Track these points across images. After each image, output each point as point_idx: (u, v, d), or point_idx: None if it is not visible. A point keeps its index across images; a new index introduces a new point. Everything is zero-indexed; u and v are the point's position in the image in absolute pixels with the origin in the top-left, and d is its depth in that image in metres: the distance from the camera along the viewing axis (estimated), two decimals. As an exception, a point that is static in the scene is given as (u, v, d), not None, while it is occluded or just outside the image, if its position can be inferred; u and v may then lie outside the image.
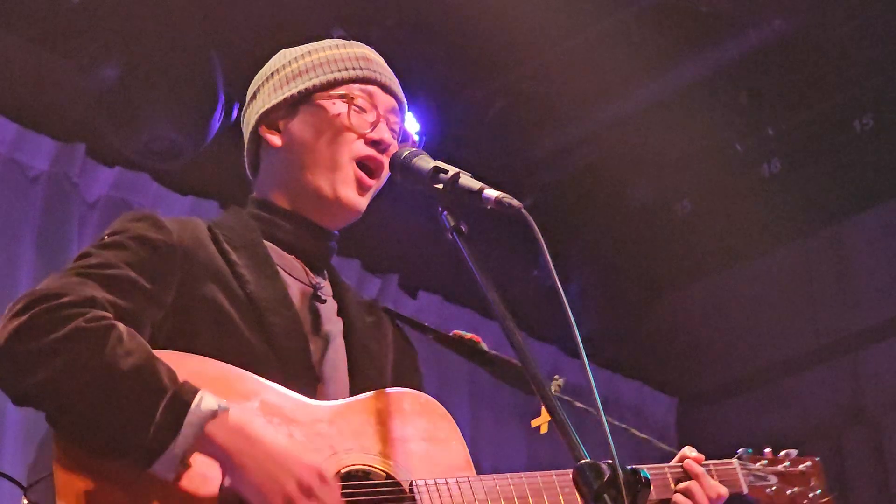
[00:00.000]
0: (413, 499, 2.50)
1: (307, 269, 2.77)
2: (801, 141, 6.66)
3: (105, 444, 2.26)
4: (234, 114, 5.44)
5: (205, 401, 2.28)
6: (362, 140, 2.76)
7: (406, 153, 2.64)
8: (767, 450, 3.13)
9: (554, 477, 2.63)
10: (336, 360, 2.70)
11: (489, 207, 2.42)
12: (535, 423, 2.89)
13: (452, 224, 2.44)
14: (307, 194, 2.75)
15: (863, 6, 5.95)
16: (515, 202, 2.37)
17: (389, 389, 2.68)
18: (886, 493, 6.86)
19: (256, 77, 2.90)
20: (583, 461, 2.12)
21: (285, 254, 2.75)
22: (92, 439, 2.27)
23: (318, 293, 2.75)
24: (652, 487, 2.72)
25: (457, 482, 2.55)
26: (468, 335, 3.00)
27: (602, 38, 5.98)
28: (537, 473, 2.63)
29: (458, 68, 6.07)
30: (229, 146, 5.33)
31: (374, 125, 2.78)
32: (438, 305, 6.85)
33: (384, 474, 2.52)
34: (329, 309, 2.77)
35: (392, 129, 2.82)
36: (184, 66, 5.36)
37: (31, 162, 5.42)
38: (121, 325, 2.34)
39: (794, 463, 3.13)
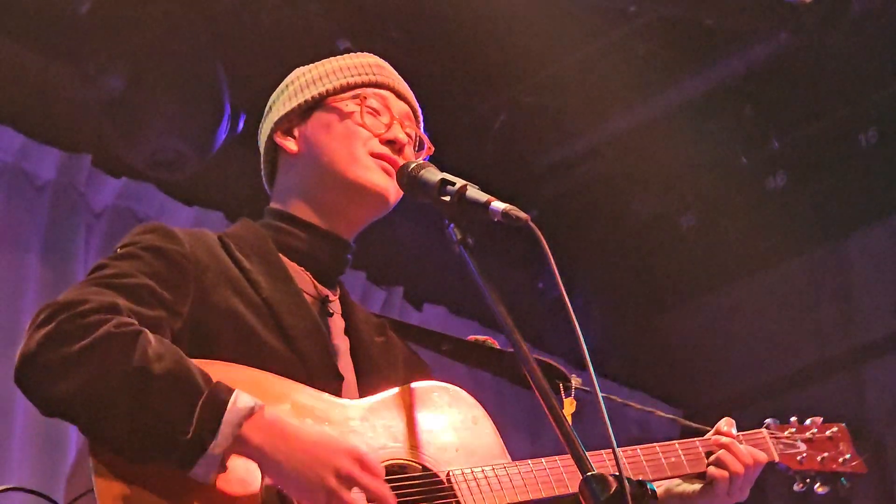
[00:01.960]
0: (451, 489, 2.51)
1: (316, 282, 2.77)
2: (806, 155, 6.66)
3: (144, 448, 2.24)
4: (240, 125, 5.44)
5: (240, 399, 2.27)
6: (377, 140, 2.78)
7: (413, 165, 2.64)
8: (793, 418, 3.16)
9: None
10: (345, 376, 2.69)
11: (496, 220, 2.42)
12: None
13: (459, 237, 2.44)
14: (332, 193, 2.76)
15: (868, 20, 5.96)
16: (523, 214, 2.37)
17: (417, 383, 2.68)
18: (890, 506, 6.86)
19: (273, 94, 2.93)
20: (589, 473, 2.12)
21: (297, 266, 2.75)
22: (130, 445, 2.24)
23: (327, 306, 2.75)
24: (686, 461, 2.75)
25: (493, 469, 2.56)
26: (483, 338, 3.01)
27: (607, 51, 5.99)
28: (569, 456, 2.65)
29: (463, 81, 6.08)
30: (235, 157, 5.36)
31: (388, 126, 2.80)
32: (444, 317, 6.84)
33: (420, 467, 2.53)
34: (337, 325, 2.77)
35: (407, 134, 2.83)
36: (190, 77, 5.36)
37: (38, 172, 5.43)
38: (147, 331, 2.33)
39: (822, 429, 3.17)
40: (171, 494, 2.26)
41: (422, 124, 2.94)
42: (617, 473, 2.10)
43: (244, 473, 2.31)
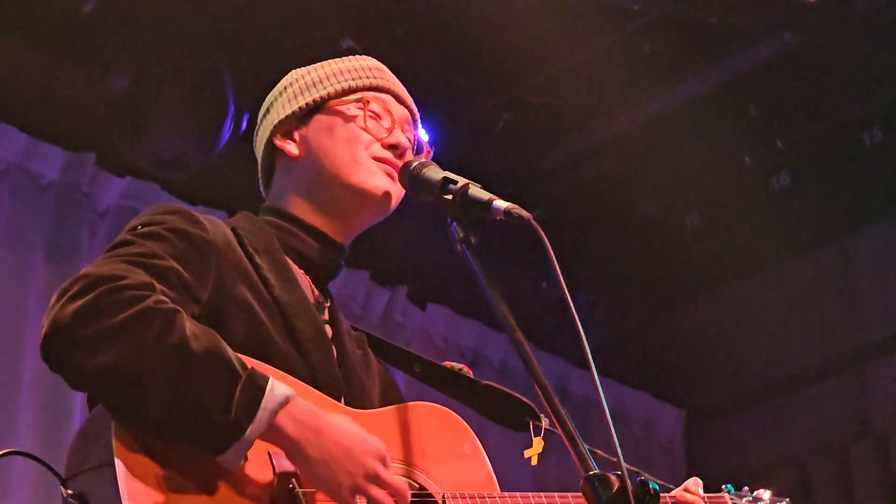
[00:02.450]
0: None
1: (312, 285, 2.76)
2: (810, 154, 6.66)
3: (179, 427, 2.21)
4: (244, 124, 5.45)
5: (277, 387, 2.26)
6: (379, 144, 2.77)
7: (415, 164, 2.65)
8: (745, 487, 3.15)
9: (570, 499, 2.64)
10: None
11: (498, 219, 2.42)
12: (527, 453, 2.90)
13: (462, 235, 2.44)
14: (334, 195, 2.75)
15: (872, 19, 5.95)
16: (525, 213, 2.37)
17: (414, 403, 2.68)
18: (894, 507, 6.85)
19: (269, 96, 2.91)
20: (592, 472, 2.12)
21: (295, 267, 2.73)
22: (165, 422, 2.21)
23: (323, 313, 2.74)
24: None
25: (486, 498, 2.56)
26: (458, 366, 2.99)
27: (611, 50, 5.99)
28: (556, 494, 2.64)
29: (467, 81, 6.08)
30: (239, 157, 5.35)
31: (390, 130, 2.79)
32: (447, 317, 6.85)
33: (417, 486, 2.53)
34: (328, 331, 2.75)
35: (407, 138, 2.82)
36: (194, 77, 5.36)
37: (42, 171, 5.43)
38: (182, 311, 2.30)
39: (771, 502, 3.16)
40: (194, 475, 2.24)
41: (419, 127, 2.93)
42: (619, 472, 2.10)
43: (260, 459, 2.30)
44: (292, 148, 2.80)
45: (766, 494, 3.16)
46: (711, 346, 7.59)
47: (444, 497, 2.52)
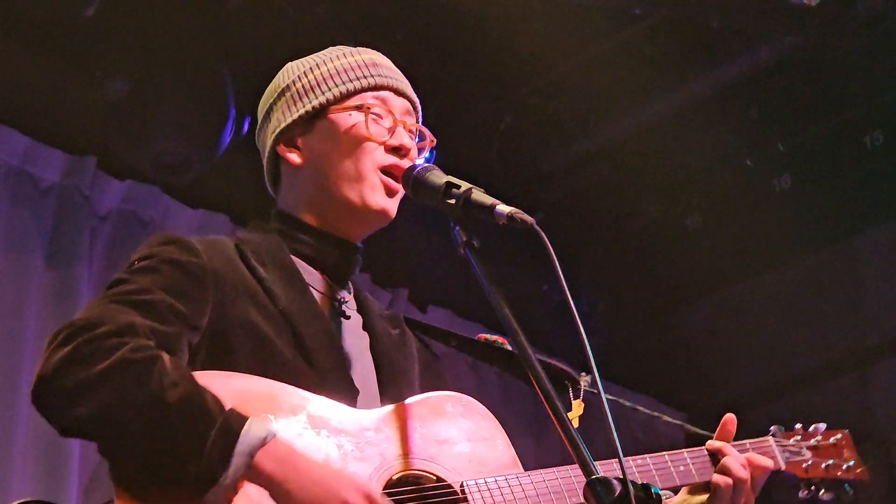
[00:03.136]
0: (465, 500, 2.52)
1: (331, 284, 2.78)
2: (812, 156, 6.66)
3: (158, 476, 2.27)
4: (245, 127, 5.44)
5: (253, 429, 2.29)
6: (382, 148, 2.77)
7: (419, 168, 2.66)
8: (798, 425, 3.16)
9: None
10: (365, 374, 2.71)
11: (501, 223, 2.42)
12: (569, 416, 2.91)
13: (465, 239, 2.44)
14: (335, 207, 2.77)
15: (873, 22, 5.95)
16: (528, 218, 2.38)
17: (430, 394, 2.70)
18: (897, 509, 6.85)
19: (266, 94, 2.92)
20: (594, 476, 2.12)
21: (310, 269, 2.77)
22: (145, 471, 2.28)
23: (343, 308, 2.77)
24: (695, 469, 2.73)
25: (506, 480, 2.57)
26: (493, 337, 3.01)
27: (613, 53, 5.99)
28: (568, 468, 2.64)
29: (468, 83, 6.08)
30: (240, 160, 5.35)
31: (392, 131, 2.80)
32: (448, 320, 6.84)
33: (434, 478, 2.54)
34: (354, 324, 2.79)
35: (410, 132, 2.84)
36: (195, 80, 5.36)
37: (43, 174, 5.42)
38: (165, 355, 2.34)
39: (826, 436, 3.18)
40: None
41: (420, 115, 2.94)
42: (622, 477, 2.09)
43: (257, 496, 2.32)
44: (295, 157, 2.82)
45: (822, 427, 3.19)
46: (713, 348, 7.59)
47: (462, 485, 2.53)
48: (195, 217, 5.78)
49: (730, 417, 2.96)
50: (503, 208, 2.42)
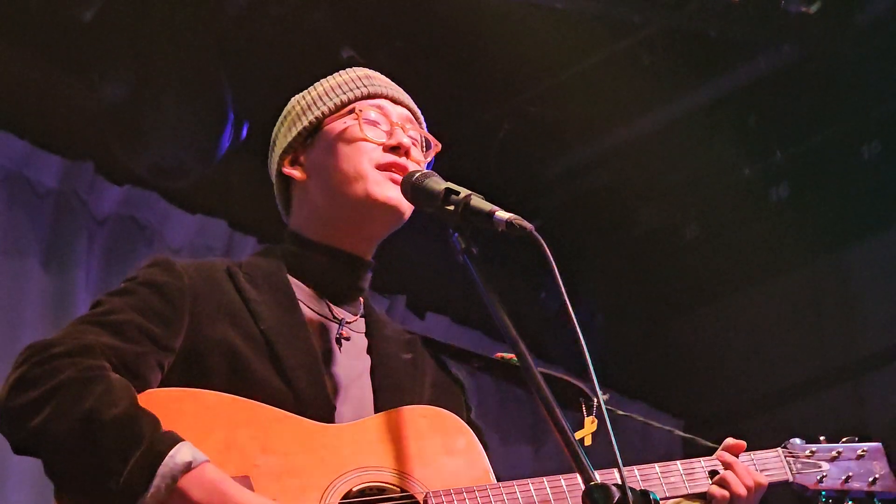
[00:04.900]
0: None
1: (331, 305, 2.78)
2: (809, 166, 6.67)
3: (85, 493, 2.32)
4: (244, 133, 5.44)
5: (181, 453, 2.30)
6: (380, 148, 2.79)
7: (417, 174, 2.65)
8: (822, 438, 3.09)
9: (562, 481, 2.64)
10: (360, 397, 2.70)
11: (500, 230, 2.42)
12: (579, 434, 2.91)
13: (464, 246, 2.44)
14: (343, 212, 2.78)
15: (871, 32, 5.96)
16: (527, 224, 2.38)
17: (405, 407, 2.68)
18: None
19: (274, 130, 2.96)
20: (592, 483, 2.12)
21: (308, 289, 2.77)
22: (74, 488, 2.34)
23: (343, 329, 2.76)
24: (688, 483, 2.74)
25: (474, 491, 2.56)
26: (509, 356, 3.01)
27: (611, 62, 5.99)
28: (544, 479, 2.64)
29: (468, 91, 6.08)
30: (238, 165, 5.36)
31: (390, 133, 2.81)
32: (446, 327, 6.83)
33: (398, 489, 2.53)
34: (355, 346, 2.78)
35: (411, 137, 2.85)
36: (193, 85, 5.36)
37: (40, 179, 5.43)
38: (113, 376, 2.39)
39: (851, 449, 3.07)
40: None
41: (424, 124, 2.95)
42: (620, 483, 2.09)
43: None
44: (298, 173, 2.85)
45: (854, 439, 3.09)
46: (710, 356, 7.59)
47: (426, 497, 2.52)
48: (193, 222, 5.78)
49: (739, 444, 2.93)
50: (502, 215, 2.42)
